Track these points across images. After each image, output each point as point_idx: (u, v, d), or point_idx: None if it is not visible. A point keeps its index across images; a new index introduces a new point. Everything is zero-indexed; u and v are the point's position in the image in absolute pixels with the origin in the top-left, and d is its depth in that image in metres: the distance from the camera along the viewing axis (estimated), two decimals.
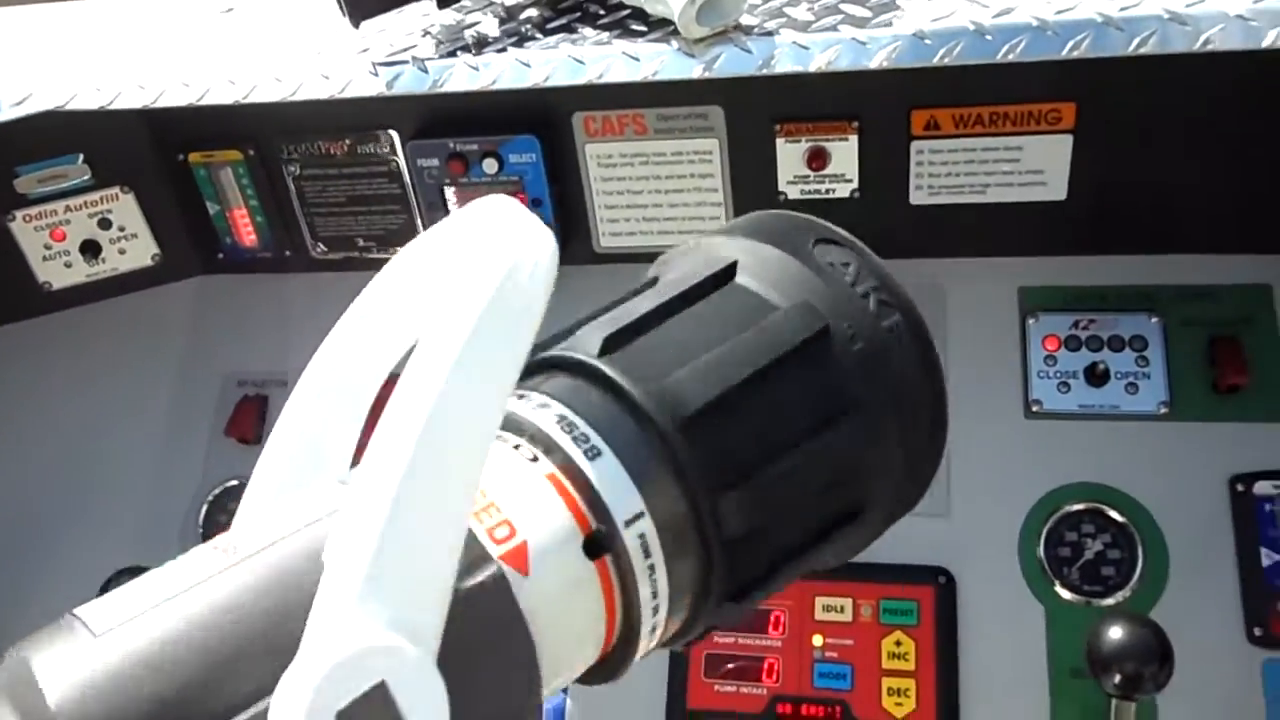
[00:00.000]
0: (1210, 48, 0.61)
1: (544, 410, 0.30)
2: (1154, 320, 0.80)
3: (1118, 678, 0.66)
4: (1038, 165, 0.79)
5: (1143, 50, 0.62)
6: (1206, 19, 0.62)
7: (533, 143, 0.82)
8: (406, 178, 0.88)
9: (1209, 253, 0.79)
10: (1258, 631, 0.72)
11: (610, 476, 0.29)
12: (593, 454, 0.29)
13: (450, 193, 0.86)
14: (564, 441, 0.29)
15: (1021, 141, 0.78)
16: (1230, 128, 0.75)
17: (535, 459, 0.29)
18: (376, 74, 0.74)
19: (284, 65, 0.77)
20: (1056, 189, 0.79)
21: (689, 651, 0.81)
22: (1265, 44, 0.60)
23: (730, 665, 0.79)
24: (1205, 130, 0.75)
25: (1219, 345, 0.77)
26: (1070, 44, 0.64)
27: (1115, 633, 0.66)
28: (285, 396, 1.04)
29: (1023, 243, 0.83)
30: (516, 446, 0.30)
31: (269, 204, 0.93)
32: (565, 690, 0.82)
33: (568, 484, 0.29)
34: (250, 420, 0.94)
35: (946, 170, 0.80)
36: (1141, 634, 0.65)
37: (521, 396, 0.31)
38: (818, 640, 0.76)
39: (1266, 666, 0.72)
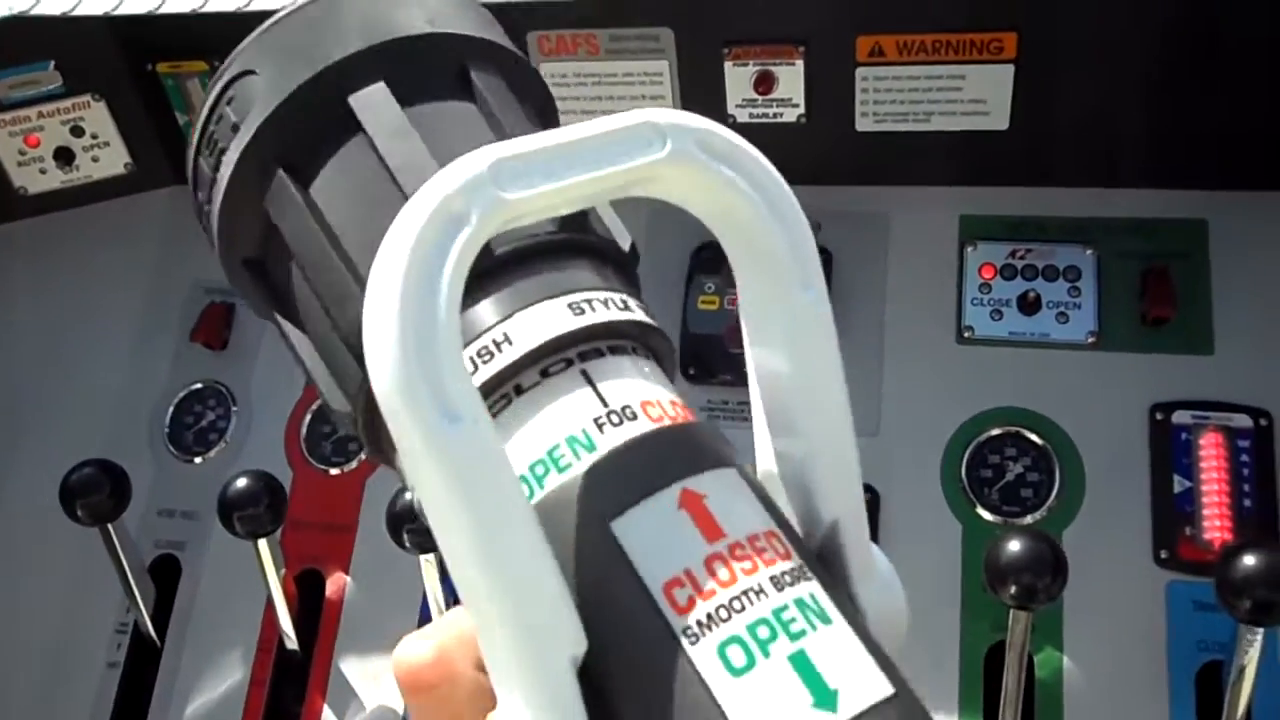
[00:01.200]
0: None
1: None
2: (1089, 252, 0.81)
3: (1013, 589, 0.69)
4: (980, 95, 0.80)
5: None
6: None
7: None
8: None
9: (1148, 187, 0.81)
10: (1164, 554, 0.75)
11: None
12: None
13: None
14: None
15: (964, 70, 0.79)
16: (1172, 61, 0.75)
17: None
18: None
19: None
20: (999, 119, 0.80)
21: None
22: None
23: None
24: (1147, 62, 0.76)
25: (1149, 277, 0.79)
26: None
27: (1011, 546, 0.68)
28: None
29: (965, 172, 0.84)
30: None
31: None
32: None
33: None
34: (216, 327, 0.97)
35: (891, 98, 0.81)
36: (1036, 547, 0.68)
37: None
38: None
39: (1170, 588, 0.75)
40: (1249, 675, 0.68)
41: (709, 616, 0.22)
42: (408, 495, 0.78)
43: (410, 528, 0.77)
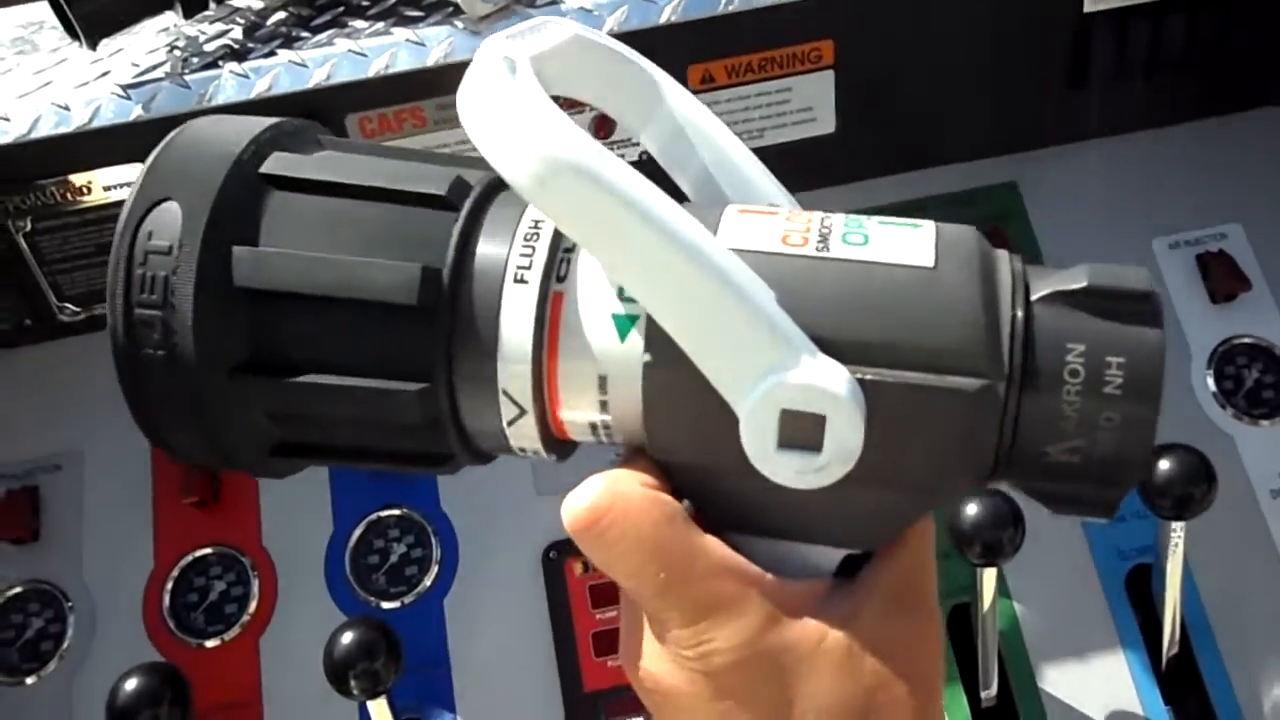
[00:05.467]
0: None
1: None
2: None
3: (979, 547, 0.72)
4: (807, 103, 0.83)
5: None
6: None
7: None
8: None
9: (964, 160, 0.88)
10: None
11: None
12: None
13: None
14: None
15: (790, 83, 0.82)
16: (964, 45, 0.83)
17: None
18: (129, 97, 0.66)
19: (8, 102, 0.67)
20: (825, 123, 0.85)
21: (574, 636, 0.80)
22: None
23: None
24: (944, 49, 0.83)
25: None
26: None
27: (971, 509, 0.72)
28: (59, 483, 0.91)
29: (804, 178, 0.86)
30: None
31: None
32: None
33: None
34: (23, 516, 0.82)
35: (726, 119, 0.83)
36: (995, 504, 0.71)
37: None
38: None
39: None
40: (1177, 567, 0.75)
41: (821, 237, 0.31)
42: (344, 639, 0.69)
43: (357, 671, 0.69)
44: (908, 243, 0.31)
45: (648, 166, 0.36)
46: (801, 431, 0.29)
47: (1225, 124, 0.89)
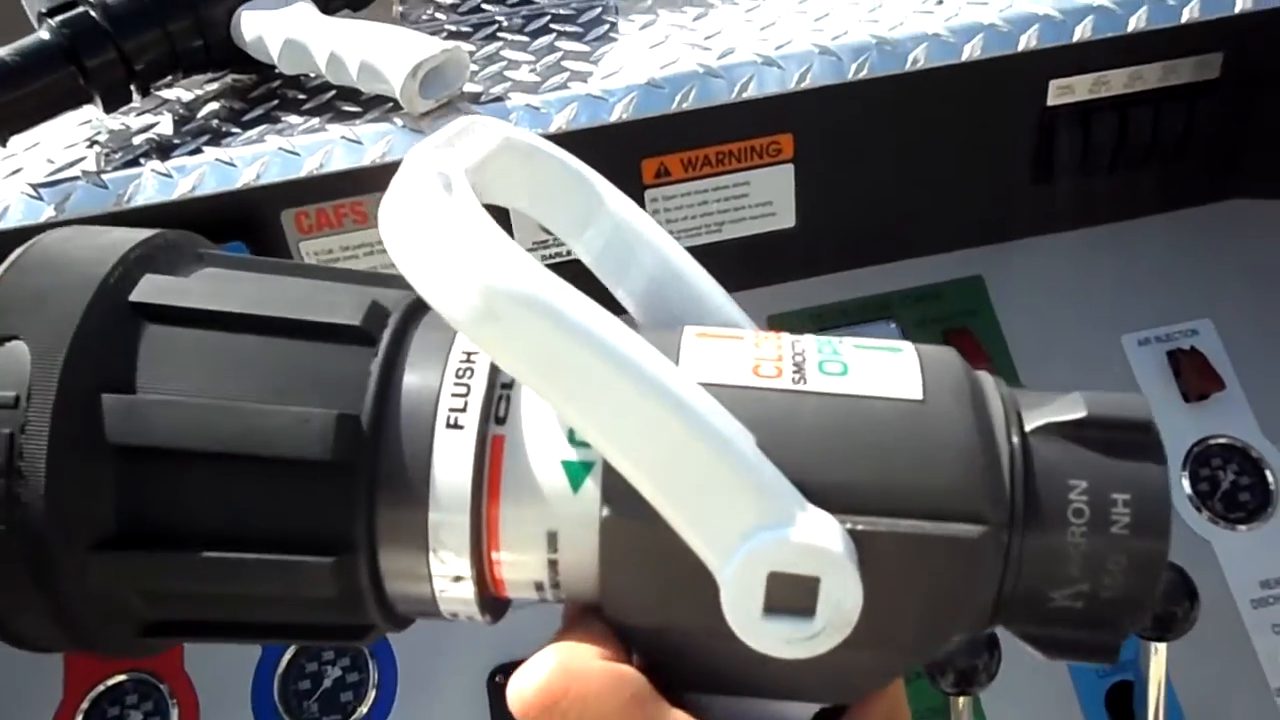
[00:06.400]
0: (918, 66, 0.65)
1: None
2: (893, 325, 0.84)
3: (953, 676, 0.68)
4: (766, 197, 0.81)
5: (861, 75, 0.65)
6: (910, 39, 0.66)
7: (240, 249, 0.73)
8: None
9: (927, 254, 0.85)
10: None
11: None
12: None
13: None
14: None
15: (748, 176, 0.79)
16: (927, 139, 0.81)
17: None
18: (41, 197, 0.62)
19: None
20: (785, 217, 0.82)
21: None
22: (964, 58, 0.65)
23: None
24: (908, 144, 0.80)
25: (953, 339, 0.83)
26: (796, 75, 0.65)
27: None
28: None
29: (763, 273, 0.84)
30: None
31: None
32: None
33: None
34: None
35: (682, 214, 0.80)
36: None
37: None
38: None
39: None
40: (1158, 685, 0.71)
41: (796, 366, 0.28)
42: None
43: None
44: (891, 371, 0.28)
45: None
46: (791, 595, 0.26)
47: (1192, 217, 0.87)
